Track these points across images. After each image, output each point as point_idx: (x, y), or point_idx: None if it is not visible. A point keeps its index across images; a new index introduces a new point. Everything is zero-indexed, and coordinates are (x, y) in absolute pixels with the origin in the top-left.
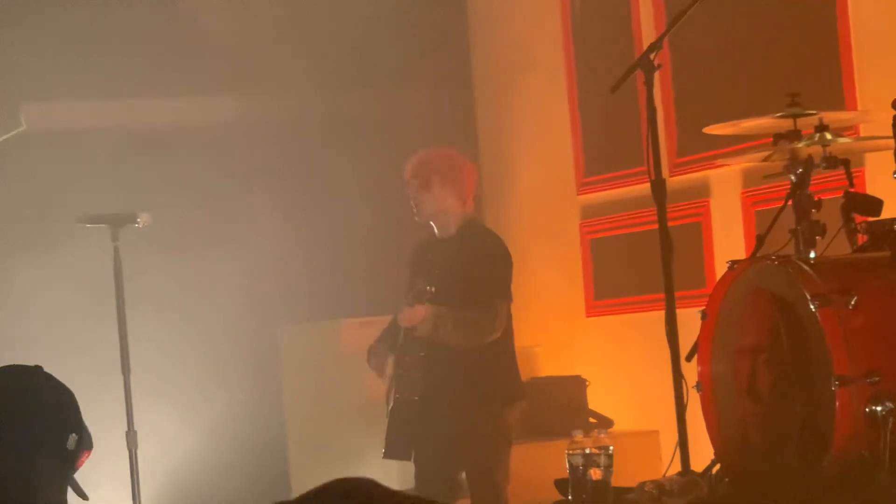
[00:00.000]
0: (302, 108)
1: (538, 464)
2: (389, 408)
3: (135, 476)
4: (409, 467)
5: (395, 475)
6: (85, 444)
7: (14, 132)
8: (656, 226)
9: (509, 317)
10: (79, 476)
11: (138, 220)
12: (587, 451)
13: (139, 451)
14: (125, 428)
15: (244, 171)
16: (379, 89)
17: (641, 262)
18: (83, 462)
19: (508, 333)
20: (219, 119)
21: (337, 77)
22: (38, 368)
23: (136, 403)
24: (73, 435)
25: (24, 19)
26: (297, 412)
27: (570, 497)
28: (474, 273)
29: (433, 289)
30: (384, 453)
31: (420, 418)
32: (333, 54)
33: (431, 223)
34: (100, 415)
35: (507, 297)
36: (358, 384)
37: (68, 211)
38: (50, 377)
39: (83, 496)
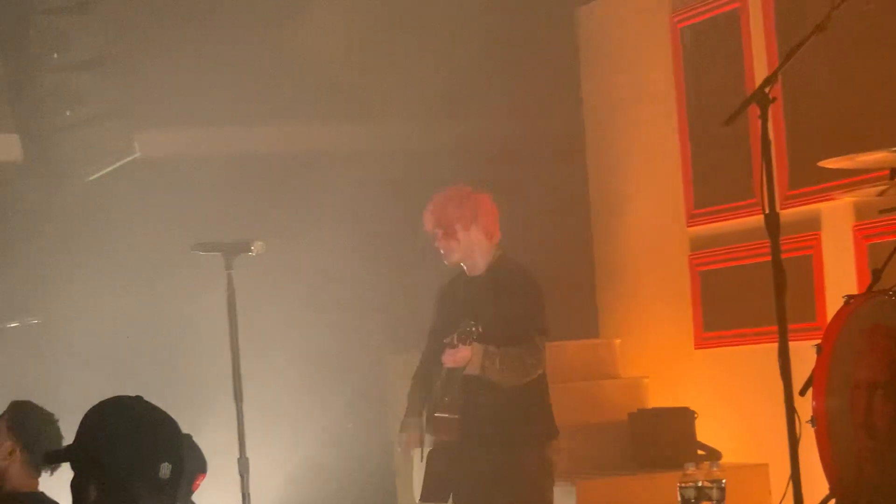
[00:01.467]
0: (414, 134)
1: (648, 495)
2: (426, 451)
3: (246, 502)
4: None
5: None
6: (198, 467)
7: (128, 159)
8: (767, 258)
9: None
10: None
11: (252, 248)
12: (699, 483)
13: (250, 478)
14: (237, 454)
15: (356, 199)
16: (490, 119)
17: (752, 294)
18: (198, 485)
19: (545, 370)
20: (332, 146)
21: (448, 105)
22: (138, 399)
23: (247, 430)
24: (166, 464)
25: (138, 46)
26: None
27: None
28: (511, 310)
29: (479, 328)
30: (421, 496)
31: (459, 459)
32: (445, 82)
33: (462, 265)
34: (212, 441)
35: (546, 332)
36: None
37: (182, 238)
38: (148, 407)
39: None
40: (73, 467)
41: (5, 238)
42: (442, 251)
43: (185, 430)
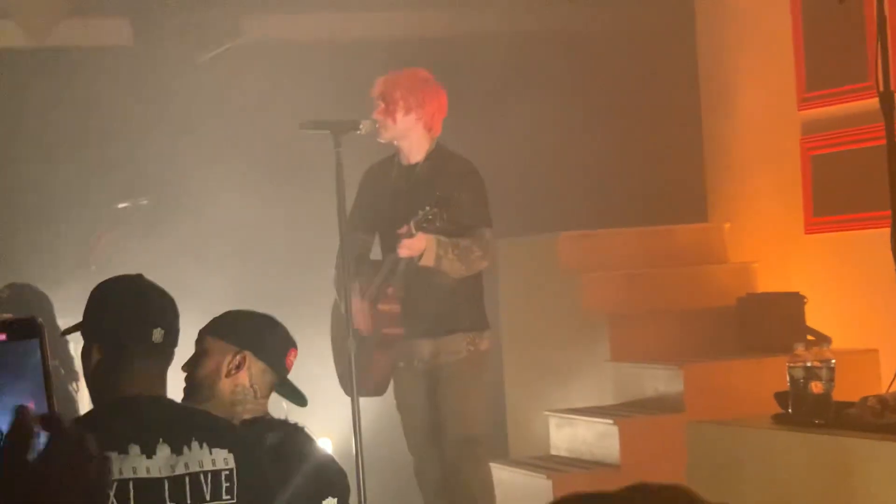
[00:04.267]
0: (524, 18)
1: (756, 378)
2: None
3: (354, 380)
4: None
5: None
6: (286, 344)
7: (236, 42)
8: (881, 142)
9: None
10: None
11: (360, 126)
12: (808, 364)
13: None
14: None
15: (463, 85)
16: (599, 5)
17: (864, 179)
18: (291, 361)
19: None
20: (440, 31)
21: None
22: (138, 276)
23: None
24: (159, 329)
25: None
26: (514, 323)
27: (790, 410)
28: (456, 201)
29: (444, 214)
30: (360, 392)
31: (397, 353)
32: None
33: (396, 144)
34: (320, 317)
35: (490, 223)
36: (573, 297)
37: (290, 118)
38: (145, 282)
39: (302, 400)
40: (82, 336)
41: (117, 121)
42: (378, 126)
43: (292, 302)
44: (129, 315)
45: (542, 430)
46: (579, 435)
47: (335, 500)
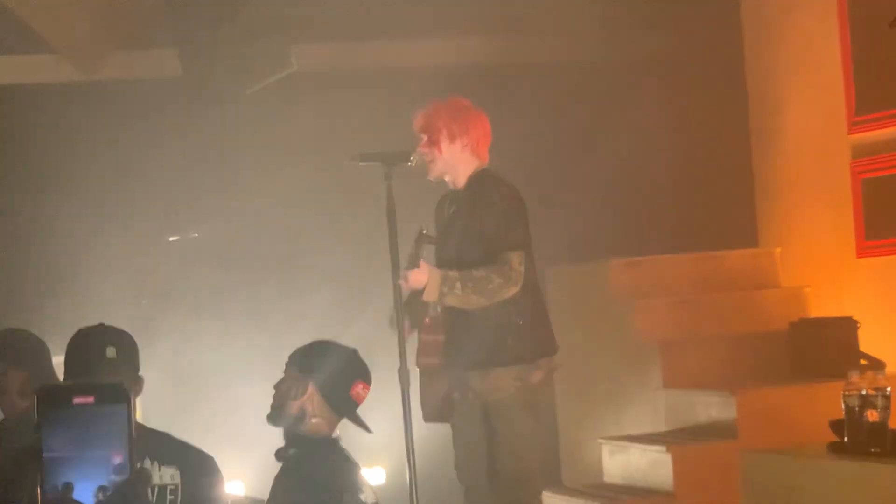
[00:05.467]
0: (574, 48)
1: (809, 404)
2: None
3: (407, 410)
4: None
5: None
6: (354, 374)
7: (286, 72)
8: None
9: (532, 268)
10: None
11: (411, 158)
12: (864, 392)
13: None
14: (398, 365)
15: (513, 111)
16: (649, 30)
17: None
18: (363, 397)
19: (531, 285)
20: (491, 60)
21: (607, 20)
22: (101, 326)
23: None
24: (111, 347)
25: None
26: (565, 350)
27: (846, 438)
28: (482, 226)
29: (422, 251)
30: (423, 417)
31: (447, 382)
32: None
33: (445, 179)
34: (375, 354)
35: (521, 247)
36: (625, 324)
37: (340, 150)
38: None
39: (366, 429)
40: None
41: (164, 154)
42: (423, 159)
43: (346, 339)
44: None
45: (596, 458)
46: (632, 462)
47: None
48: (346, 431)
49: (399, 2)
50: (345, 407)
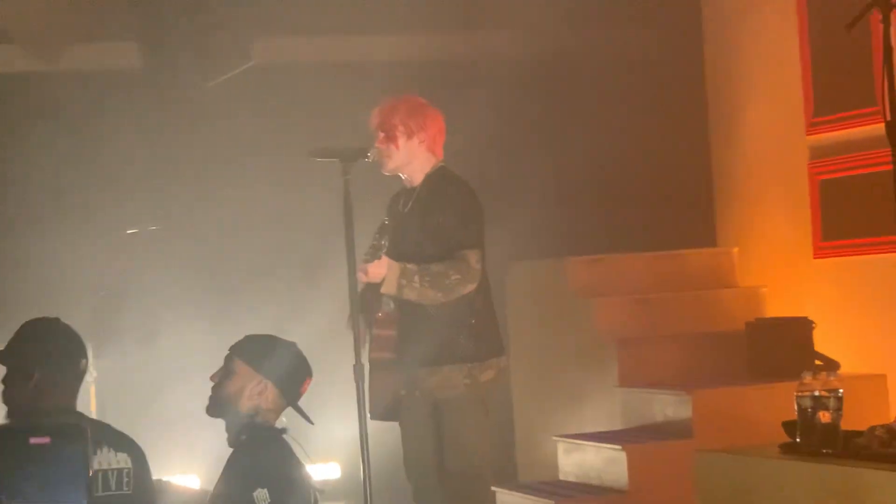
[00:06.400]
0: (529, 43)
1: (765, 404)
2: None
3: (361, 406)
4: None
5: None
6: (306, 371)
7: (244, 66)
8: (888, 167)
9: (484, 268)
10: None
11: (369, 154)
12: (816, 393)
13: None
14: (353, 361)
15: (474, 107)
16: (607, 28)
17: (872, 203)
18: (306, 388)
19: (484, 285)
20: (444, 55)
21: (565, 16)
22: (55, 320)
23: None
24: (84, 360)
25: None
26: (521, 347)
27: (798, 439)
28: (440, 223)
29: (386, 242)
30: (370, 415)
31: (397, 379)
32: None
33: (400, 174)
34: (329, 347)
35: (478, 246)
36: (583, 321)
37: (298, 143)
38: (63, 324)
39: (309, 420)
40: (12, 363)
41: (123, 146)
42: (379, 155)
43: (302, 335)
44: (65, 349)
45: (551, 455)
46: (587, 460)
47: (265, 490)
48: (301, 427)
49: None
50: (294, 400)
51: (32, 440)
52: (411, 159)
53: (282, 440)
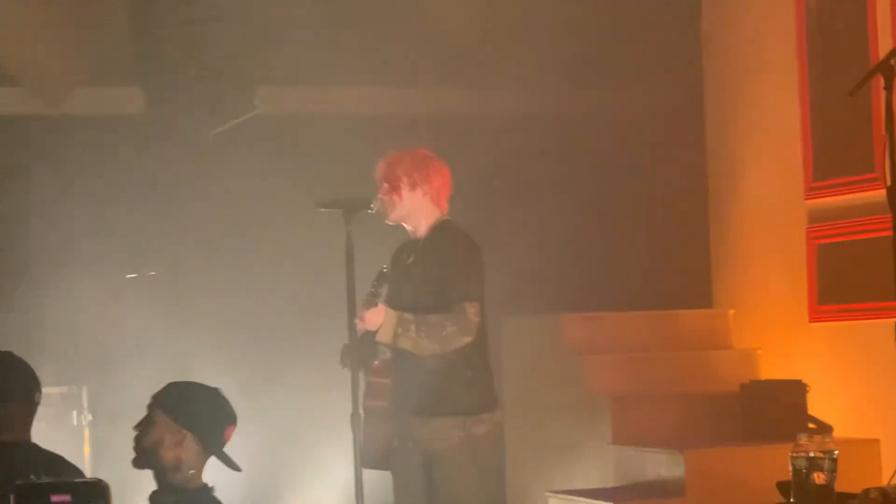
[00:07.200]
0: (532, 102)
1: (757, 466)
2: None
3: (357, 455)
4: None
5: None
6: (228, 419)
7: (249, 115)
8: (887, 233)
9: (484, 322)
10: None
11: (372, 205)
12: (811, 454)
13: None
14: (350, 410)
15: (472, 161)
16: (609, 89)
17: (869, 269)
18: (229, 436)
19: (481, 338)
20: (451, 112)
21: (567, 75)
22: (8, 353)
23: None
24: (39, 392)
25: (259, 4)
26: (516, 402)
27: (792, 500)
28: (441, 274)
29: (384, 290)
30: (363, 463)
31: (391, 428)
32: (564, 52)
33: (404, 225)
34: (325, 398)
35: (477, 299)
36: (576, 378)
37: (300, 193)
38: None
39: (236, 468)
40: None
41: (126, 191)
42: (383, 205)
43: (300, 382)
44: (31, 384)
45: None
46: None
47: None
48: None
49: (360, 50)
50: (218, 448)
51: (54, 498)
52: (415, 210)
53: (212, 501)
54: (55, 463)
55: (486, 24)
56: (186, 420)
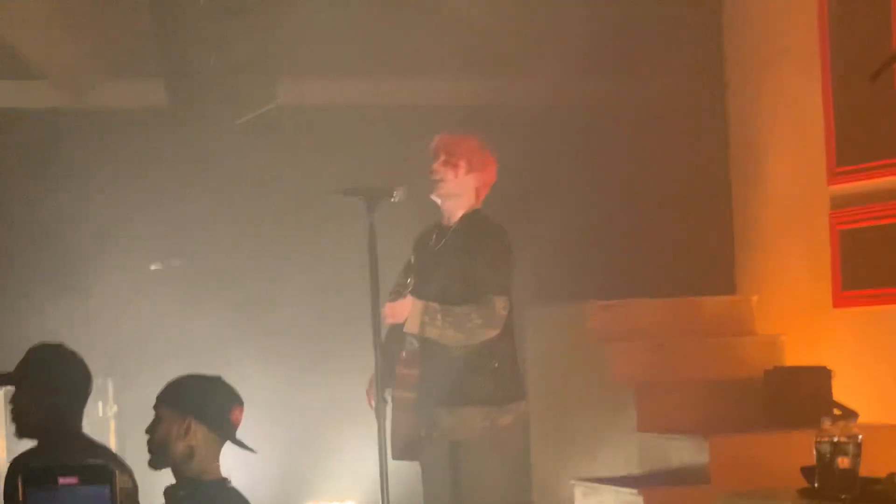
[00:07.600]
0: (553, 90)
1: (782, 452)
2: (389, 406)
3: (382, 445)
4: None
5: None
6: (230, 400)
7: (270, 106)
8: None
9: (511, 314)
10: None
11: (394, 194)
12: (836, 439)
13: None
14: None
15: (497, 153)
16: (631, 77)
17: (893, 254)
18: (237, 417)
19: (508, 330)
20: (470, 101)
21: (589, 64)
22: (60, 345)
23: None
24: (91, 384)
25: None
26: (540, 391)
27: (816, 485)
28: (470, 266)
29: (412, 281)
30: (391, 454)
31: (419, 418)
32: (586, 41)
33: (441, 205)
34: (349, 384)
35: (505, 293)
36: (601, 366)
37: (322, 184)
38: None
39: (250, 450)
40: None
41: (148, 181)
42: (435, 177)
43: (324, 372)
44: (84, 375)
45: (568, 499)
46: None
47: None
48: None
49: (381, 41)
50: (227, 432)
51: (61, 480)
52: (460, 193)
53: (227, 492)
54: (103, 453)
55: (508, 14)
56: (187, 406)
